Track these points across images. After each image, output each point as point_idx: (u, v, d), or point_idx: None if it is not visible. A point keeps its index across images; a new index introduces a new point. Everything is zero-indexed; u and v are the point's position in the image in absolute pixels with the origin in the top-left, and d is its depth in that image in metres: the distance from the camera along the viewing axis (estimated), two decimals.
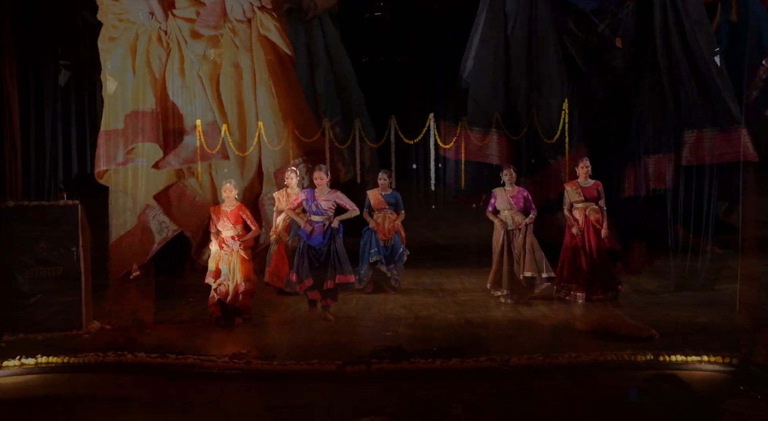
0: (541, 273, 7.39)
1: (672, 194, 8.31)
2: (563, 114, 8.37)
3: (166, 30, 8.63)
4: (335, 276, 6.75)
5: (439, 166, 9.20)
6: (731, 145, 8.10)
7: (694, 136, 8.27)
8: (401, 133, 8.66)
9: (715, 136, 8.19)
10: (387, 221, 8.22)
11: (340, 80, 10.04)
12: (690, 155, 8.29)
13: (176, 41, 8.62)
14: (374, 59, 11.17)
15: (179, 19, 8.65)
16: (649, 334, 6.00)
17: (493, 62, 9.07)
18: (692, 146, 8.27)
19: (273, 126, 8.75)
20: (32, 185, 8.67)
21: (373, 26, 10.96)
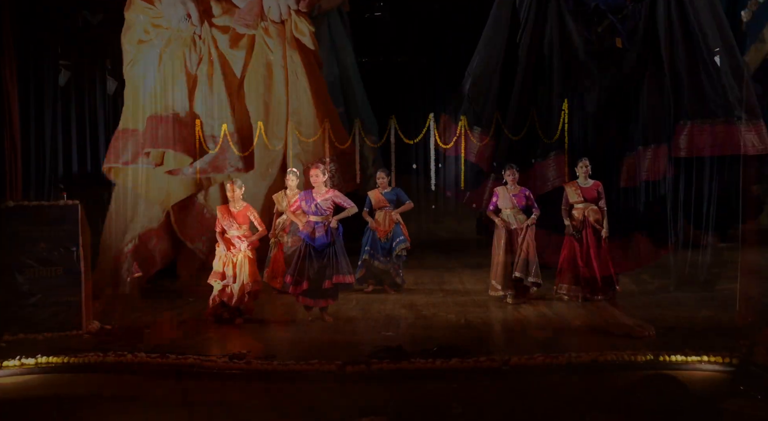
0: (528, 277, 7.40)
1: (673, 186, 8.30)
2: (563, 114, 8.37)
3: (200, 35, 8.63)
4: (332, 276, 6.75)
5: (440, 166, 9.19)
6: (729, 138, 8.05)
7: (688, 127, 8.21)
8: (401, 133, 8.67)
9: (711, 129, 8.14)
10: (388, 219, 8.22)
11: (344, 74, 10.02)
12: (686, 147, 8.22)
13: (208, 49, 8.63)
14: (374, 59, 11.17)
15: (215, 29, 8.70)
16: (644, 334, 6.04)
17: (494, 64, 9.03)
18: (687, 138, 8.21)
19: (310, 124, 8.77)
20: (32, 185, 8.67)
21: (373, 26, 10.96)
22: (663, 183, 8.40)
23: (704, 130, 8.14)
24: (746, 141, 7.94)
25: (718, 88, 8.11)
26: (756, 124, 8.01)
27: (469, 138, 8.71)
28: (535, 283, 7.48)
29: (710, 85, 8.15)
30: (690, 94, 8.23)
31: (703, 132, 8.14)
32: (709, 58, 8.17)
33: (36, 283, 6.48)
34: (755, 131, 7.98)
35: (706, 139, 8.10)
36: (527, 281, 7.43)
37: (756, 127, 7.99)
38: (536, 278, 7.45)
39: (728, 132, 8.03)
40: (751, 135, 7.98)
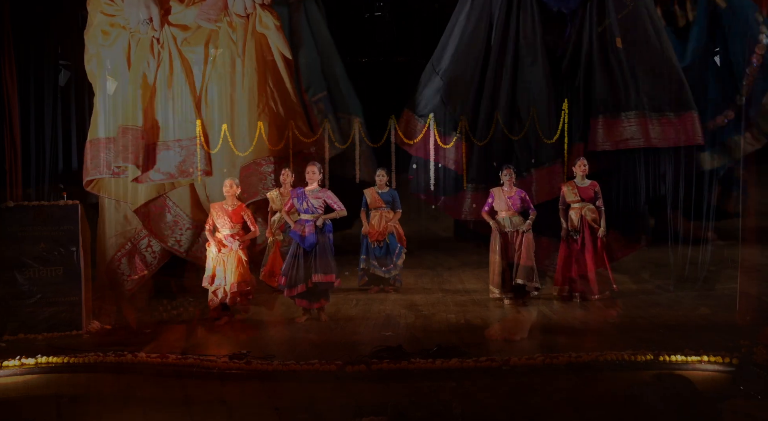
0: (530, 282, 7.41)
1: (672, 184, 8.32)
2: (563, 114, 8.37)
3: (158, 38, 8.36)
4: (312, 275, 6.75)
5: (439, 166, 9.17)
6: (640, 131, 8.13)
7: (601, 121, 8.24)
8: (401, 133, 8.66)
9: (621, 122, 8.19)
10: (383, 219, 8.22)
11: (324, 58, 9.91)
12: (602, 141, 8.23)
13: (168, 50, 8.37)
14: (374, 59, 11.15)
15: (174, 27, 8.41)
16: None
17: (471, 66, 8.98)
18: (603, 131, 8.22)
19: (245, 128, 8.44)
20: (32, 185, 8.65)
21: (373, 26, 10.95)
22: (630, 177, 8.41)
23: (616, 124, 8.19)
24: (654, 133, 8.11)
25: (630, 82, 8.19)
26: (682, 115, 8.16)
27: (439, 141, 8.63)
28: (537, 288, 7.50)
29: (621, 79, 8.22)
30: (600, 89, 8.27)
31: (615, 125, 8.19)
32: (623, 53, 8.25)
33: (36, 283, 6.49)
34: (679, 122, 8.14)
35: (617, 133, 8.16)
36: (530, 286, 7.44)
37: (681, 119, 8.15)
38: (537, 283, 7.48)
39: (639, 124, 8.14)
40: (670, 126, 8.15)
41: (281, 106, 8.62)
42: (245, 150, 8.29)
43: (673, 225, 8.23)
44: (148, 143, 8.25)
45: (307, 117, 9.23)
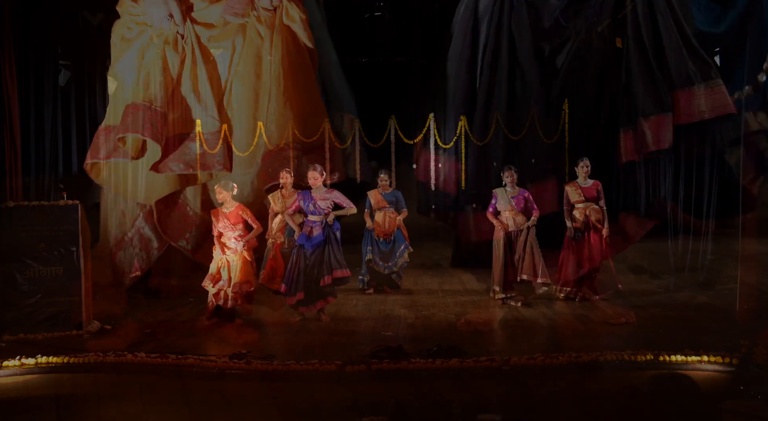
0: (537, 278, 7.40)
1: (673, 177, 8.32)
2: (563, 114, 8.37)
3: (183, 34, 8.54)
4: (332, 271, 6.75)
5: (439, 166, 9.18)
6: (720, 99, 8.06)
7: (685, 93, 8.21)
8: (401, 133, 8.66)
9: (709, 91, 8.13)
10: (388, 219, 8.22)
11: (320, 57, 9.94)
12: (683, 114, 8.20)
13: (191, 46, 8.54)
14: (374, 59, 11.15)
15: (198, 25, 8.58)
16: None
17: (458, 62, 9.02)
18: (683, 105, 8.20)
19: (273, 123, 8.64)
20: (32, 185, 8.66)
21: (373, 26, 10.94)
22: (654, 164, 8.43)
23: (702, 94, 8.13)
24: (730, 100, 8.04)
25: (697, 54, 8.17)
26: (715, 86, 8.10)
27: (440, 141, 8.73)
28: (545, 283, 7.46)
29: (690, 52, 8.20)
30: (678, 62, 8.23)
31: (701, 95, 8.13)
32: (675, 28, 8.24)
33: (36, 283, 6.49)
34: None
35: (705, 102, 8.10)
36: (536, 282, 7.42)
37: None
38: (545, 278, 7.42)
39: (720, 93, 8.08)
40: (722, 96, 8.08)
41: (308, 99, 8.75)
42: (270, 141, 8.43)
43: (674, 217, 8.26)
44: (172, 133, 8.29)
45: None
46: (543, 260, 7.47)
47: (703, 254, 7.96)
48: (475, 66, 9.12)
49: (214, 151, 8.32)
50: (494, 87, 8.92)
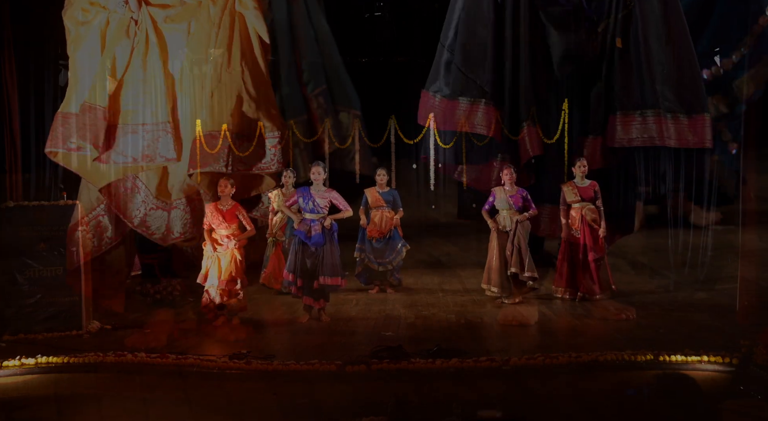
0: (523, 271, 7.41)
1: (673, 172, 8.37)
2: (563, 114, 8.36)
3: (137, 20, 8.10)
4: (322, 277, 6.77)
5: (439, 165, 9.17)
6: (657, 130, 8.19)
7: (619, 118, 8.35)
8: (401, 133, 8.65)
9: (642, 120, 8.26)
10: (384, 219, 8.22)
11: (324, 50, 9.88)
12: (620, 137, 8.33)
13: (145, 31, 8.12)
14: (374, 59, 11.16)
15: (153, 7, 8.16)
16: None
17: (482, 32, 8.96)
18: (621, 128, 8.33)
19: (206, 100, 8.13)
20: (32, 185, 8.65)
21: (373, 26, 10.95)
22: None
23: (633, 121, 8.28)
24: (670, 133, 8.11)
25: (646, 80, 8.23)
26: (694, 117, 8.11)
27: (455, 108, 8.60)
28: (531, 277, 7.47)
29: (639, 77, 8.28)
30: (622, 85, 8.35)
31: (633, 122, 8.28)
32: (643, 50, 8.27)
33: (36, 283, 6.49)
34: (689, 125, 8.10)
35: (637, 130, 8.25)
36: (523, 275, 7.43)
37: (692, 120, 8.10)
38: (531, 272, 7.44)
39: (656, 123, 8.18)
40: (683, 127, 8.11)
41: (251, 86, 8.27)
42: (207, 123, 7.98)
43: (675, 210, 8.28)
44: (112, 125, 7.93)
45: (308, 111, 9.20)
46: (530, 255, 7.50)
47: (703, 251, 7.98)
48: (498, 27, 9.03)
49: (158, 142, 7.96)
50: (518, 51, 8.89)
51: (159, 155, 7.95)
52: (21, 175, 8.00)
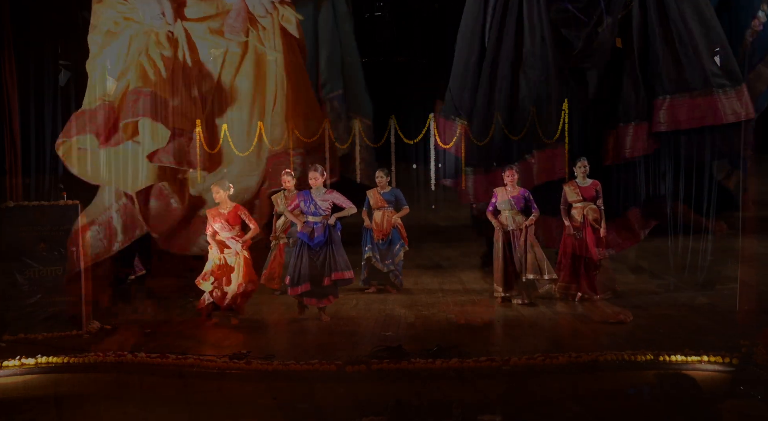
0: (543, 275, 7.40)
1: (673, 169, 8.34)
2: (563, 114, 8.36)
3: (173, 31, 8.48)
4: (332, 273, 6.77)
5: (439, 166, 9.18)
6: (710, 109, 8.10)
7: (667, 102, 8.30)
8: (401, 133, 8.66)
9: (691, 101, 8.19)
10: (386, 218, 8.22)
11: (344, 56, 9.93)
12: (666, 121, 8.30)
13: (182, 46, 8.49)
14: (374, 59, 11.15)
15: (189, 22, 8.53)
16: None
17: (467, 54, 9.02)
18: (666, 112, 8.29)
19: (279, 127, 8.65)
20: (32, 185, 8.65)
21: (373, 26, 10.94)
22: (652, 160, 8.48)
23: (683, 104, 8.22)
24: (726, 109, 8.04)
25: (693, 60, 8.16)
26: (738, 89, 8.09)
27: (450, 130, 8.73)
28: (552, 279, 7.46)
29: (686, 57, 8.21)
30: (666, 68, 8.30)
31: (682, 105, 8.22)
32: (684, 30, 8.21)
33: (36, 283, 6.49)
34: (737, 96, 8.06)
35: (686, 112, 8.19)
36: (543, 279, 7.42)
37: (738, 92, 8.08)
38: (551, 274, 7.43)
39: (708, 103, 8.11)
40: (733, 101, 8.06)
41: (305, 99, 8.82)
42: (273, 143, 8.52)
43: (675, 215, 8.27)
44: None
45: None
46: (546, 258, 7.47)
47: (703, 254, 7.97)
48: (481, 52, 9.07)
49: (195, 151, 8.29)
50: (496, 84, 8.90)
51: (194, 162, 8.34)
52: (21, 175, 8.00)
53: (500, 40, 8.81)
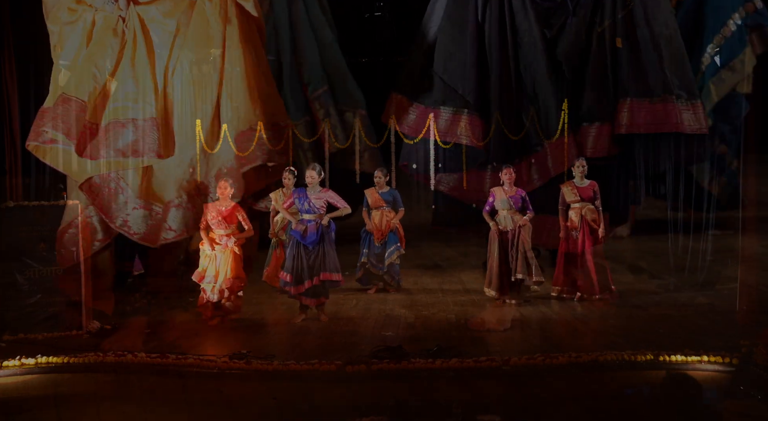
0: (531, 276, 7.40)
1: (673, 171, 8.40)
2: (563, 114, 8.37)
3: (124, 17, 8.02)
4: (320, 273, 6.77)
5: (439, 166, 9.17)
6: (666, 116, 8.30)
7: (628, 104, 8.44)
8: (401, 133, 8.66)
9: (651, 106, 8.37)
10: (384, 218, 8.21)
11: (324, 51, 9.86)
12: (626, 123, 8.45)
13: (132, 29, 8.04)
14: (374, 59, 11.15)
15: (141, 5, 8.10)
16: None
17: (462, 43, 9.00)
18: (627, 114, 8.44)
19: (242, 103, 8.19)
20: (32, 185, 8.65)
21: (373, 26, 10.95)
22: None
23: (643, 107, 8.38)
24: (683, 120, 8.30)
25: (657, 67, 8.37)
26: (694, 103, 8.41)
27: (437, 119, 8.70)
28: (538, 281, 7.47)
29: (650, 64, 8.40)
30: (630, 71, 8.45)
31: (642, 109, 8.39)
32: (650, 37, 8.41)
33: (36, 283, 6.49)
34: (693, 110, 8.36)
35: (645, 116, 8.37)
36: (530, 280, 7.43)
37: (694, 107, 8.39)
38: (539, 277, 7.44)
39: (665, 110, 8.32)
40: (689, 114, 8.34)
41: (263, 77, 8.41)
42: (239, 121, 8.07)
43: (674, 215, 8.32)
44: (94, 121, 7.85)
45: (310, 113, 9.18)
46: (536, 259, 7.49)
47: (702, 255, 7.98)
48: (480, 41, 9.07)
49: (146, 138, 7.86)
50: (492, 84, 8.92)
51: (148, 150, 7.85)
52: (21, 175, 8.00)
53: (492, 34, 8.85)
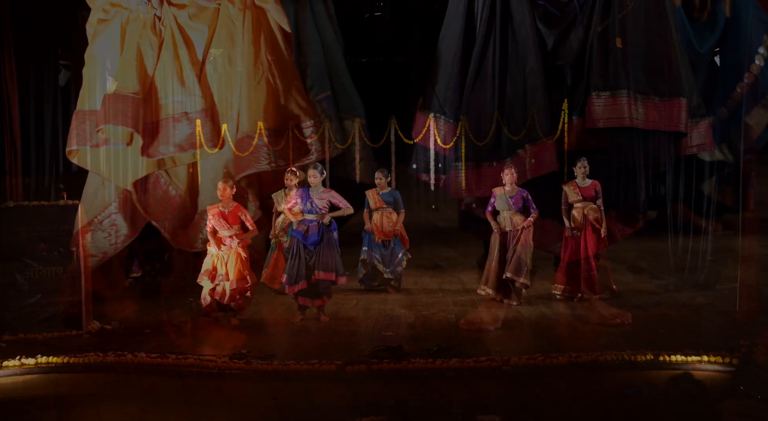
0: (519, 278, 7.38)
1: (673, 171, 8.39)
2: (563, 114, 8.37)
3: (160, 16, 8.25)
4: (320, 271, 6.78)
5: (439, 166, 9.17)
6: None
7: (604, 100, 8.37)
8: (401, 133, 8.66)
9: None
10: (386, 220, 8.21)
11: (329, 57, 9.89)
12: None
13: (169, 28, 8.27)
14: (374, 59, 11.15)
15: (174, 7, 8.30)
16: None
17: (452, 50, 9.04)
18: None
19: (245, 101, 8.36)
20: (32, 185, 8.66)
21: (373, 26, 10.95)
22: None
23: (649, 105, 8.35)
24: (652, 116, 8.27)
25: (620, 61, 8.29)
26: (673, 100, 8.31)
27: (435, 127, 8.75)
28: (524, 284, 7.46)
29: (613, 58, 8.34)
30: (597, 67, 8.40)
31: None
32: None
33: (36, 283, 6.49)
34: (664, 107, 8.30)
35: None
36: (518, 282, 7.42)
37: (671, 103, 8.31)
38: (526, 280, 7.42)
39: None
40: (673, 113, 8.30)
41: (279, 80, 8.47)
42: (244, 125, 8.22)
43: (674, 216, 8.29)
44: (155, 118, 8.12)
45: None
46: (530, 264, 7.46)
47: (703, 255, 7.97)
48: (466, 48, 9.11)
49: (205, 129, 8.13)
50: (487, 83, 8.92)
51: (206, 140, 8.14)
52: (21, 175, 8.00)
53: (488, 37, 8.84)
